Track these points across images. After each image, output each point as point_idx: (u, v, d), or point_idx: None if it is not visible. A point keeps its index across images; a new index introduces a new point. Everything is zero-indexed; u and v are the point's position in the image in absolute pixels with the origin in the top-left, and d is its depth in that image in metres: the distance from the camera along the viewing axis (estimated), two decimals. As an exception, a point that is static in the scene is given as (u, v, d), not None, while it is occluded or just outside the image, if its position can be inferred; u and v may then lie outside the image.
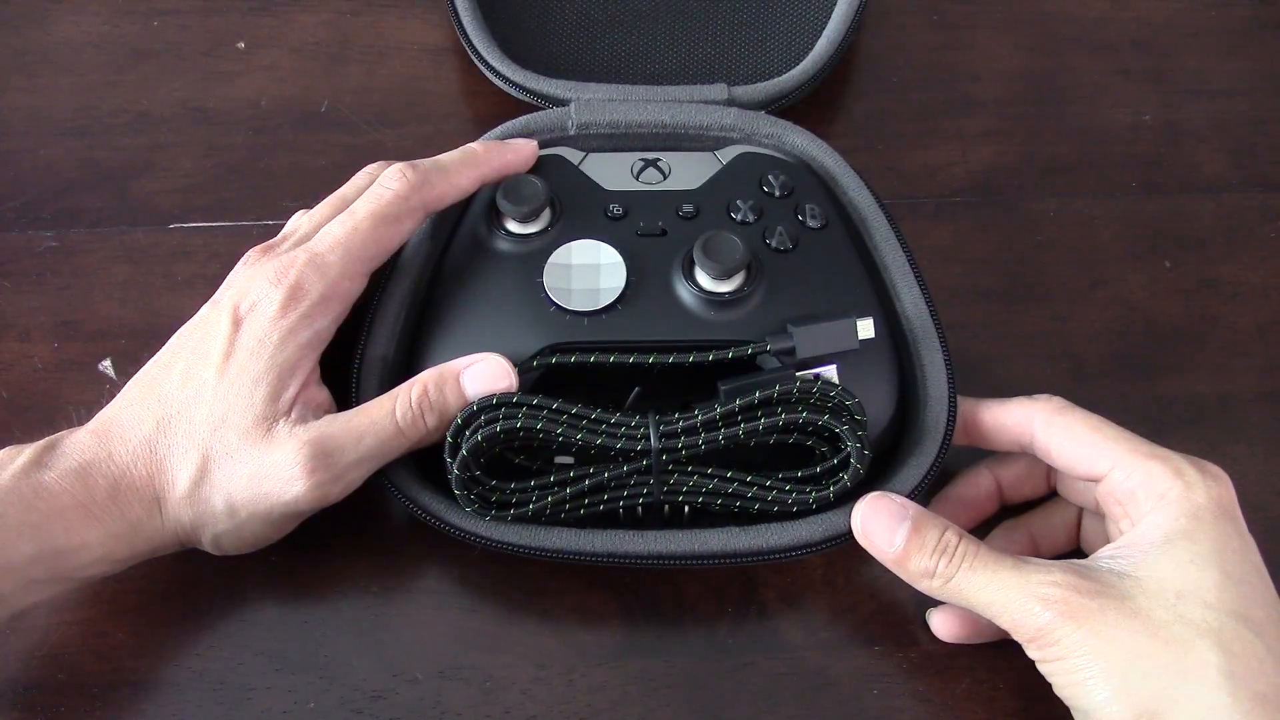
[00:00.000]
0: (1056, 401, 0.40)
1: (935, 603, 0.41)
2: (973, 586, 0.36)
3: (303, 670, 0.40)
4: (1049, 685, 0.37)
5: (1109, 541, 0.38)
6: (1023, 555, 0.38)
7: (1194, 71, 0.55)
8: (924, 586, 0.38)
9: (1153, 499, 0.37)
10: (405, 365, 0.42)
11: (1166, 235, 0.51)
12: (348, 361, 0.42)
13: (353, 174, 0.50)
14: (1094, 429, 0.39)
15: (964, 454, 0.44)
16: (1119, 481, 0.38)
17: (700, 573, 0.42)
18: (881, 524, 0.38)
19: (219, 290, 0.40)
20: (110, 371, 0.46)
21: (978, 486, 0.43)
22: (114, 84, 0.52)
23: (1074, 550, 0.43)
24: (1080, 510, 0.42)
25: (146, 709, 0.40)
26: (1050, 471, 0.43)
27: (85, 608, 0.41)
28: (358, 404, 0.40)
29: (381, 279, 0.43)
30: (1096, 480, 0.39)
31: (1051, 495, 0.43)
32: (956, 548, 0.37)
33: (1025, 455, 0.42)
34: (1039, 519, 0.43)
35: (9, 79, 0.52)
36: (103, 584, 0.41)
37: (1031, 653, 0.37)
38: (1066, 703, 0.36)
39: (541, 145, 0.47)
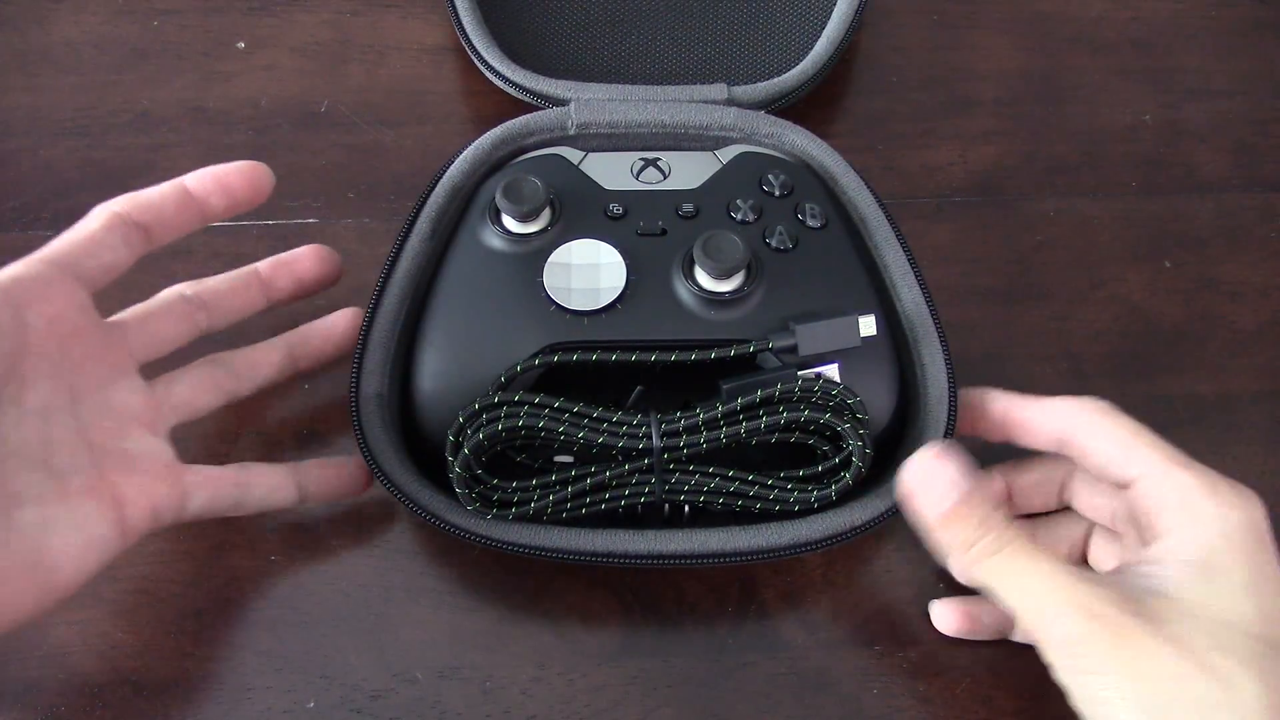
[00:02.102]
0: (1103, 403, 0.39)
1: (940, 594, 0.41)
2: (1009, 573, 0.35)
3: (303, 670, 0.40)
4: (1049, 686, 0.36)
5: (1121, 561, 0.37)
6: None
7: (1194, 71, 0.55)
8: (957, 559, 0.36)
9: (1184, 512, 0.36)
10: (405, 365, 0.42)
11: (1166, 235, 0.51)
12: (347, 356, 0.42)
13: (353, 174, 0.51)
14: (1134, 433, 0.38)
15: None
16: (1150, 488, 0.37)
17: (700, 573, 0.42)
18: (936, 482, 0.36)
19: None
20: (110, 371, 0.46)
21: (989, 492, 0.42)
22: (114, 84, 0.52)
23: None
24: (1090, 526, 0.42)
25: (146, 709, 0.40)
26: (1064, 485, 0.42)
27: (85, 608, 0.41)
28: (357, 406, 0.41)
29: (380, 279, 0.43)
30: (1126, 485, 0.38)
31: (1061, 511, 0.43)
32: (1004, 527, 0.36)
33: (1041, 463, 0.41)
34: (1046, 528, 0.42)
35: (9, 79, 0.52)
36: (102, 584, 0.41)
37: (1052, 657, 0.35)
38: (1082, 713, 0.35)
39: (541, 145, 0.47)
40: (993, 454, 0.42)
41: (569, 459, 0.40)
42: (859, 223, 0.46)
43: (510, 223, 0.43)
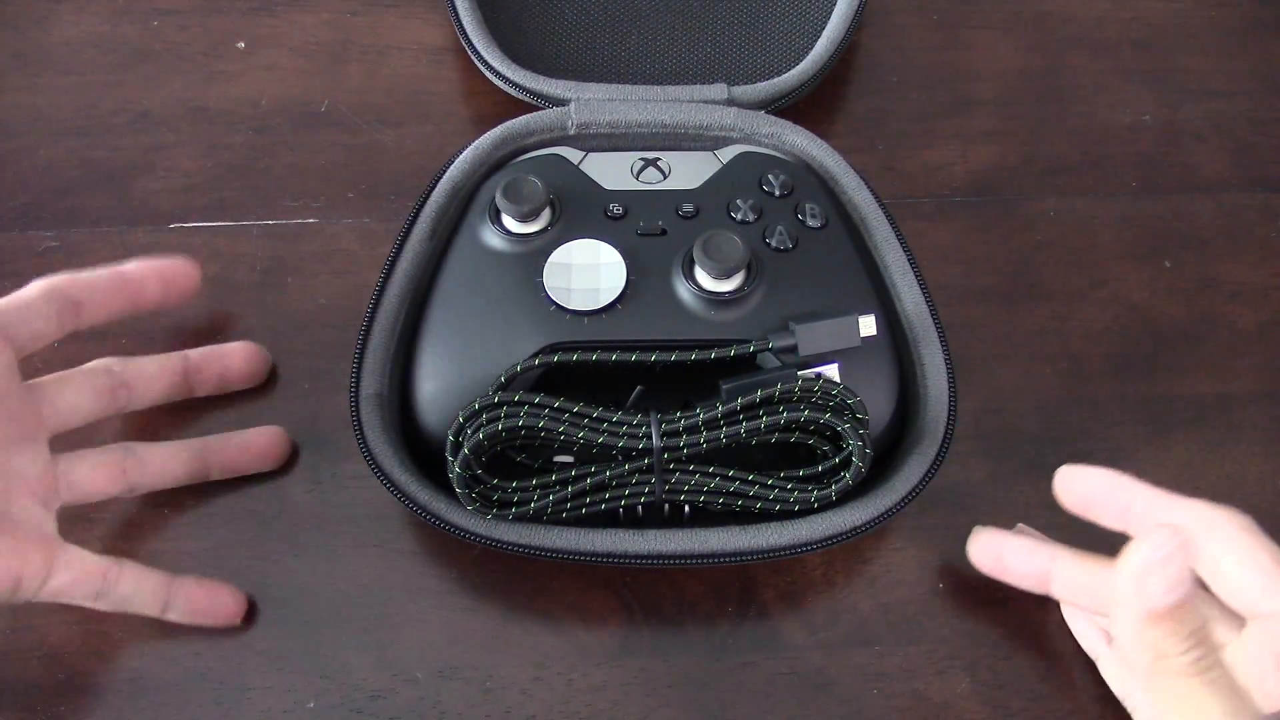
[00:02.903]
0: (1244, 519, 0.35)
1: (939, 594, 0.41)
2: (1197, 707, 0.32)
3: (303, 670, 0.40)
4: (1050, 686, 0.36)
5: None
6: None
7: (1194, 71, 0.55)
8: (1144, 661, 0.33)
9: None
10: (405, 365, 0.42)
11: (1166, 235, 0.51)
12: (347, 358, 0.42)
13: (352, 174, 0.50)
14: (1277, 561, 0.34)
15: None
16: None
17: (700, 573, 0.42)
18: (1169, 571, 0.32)
19: None
20: (110, 371, 0.46)
21: (1030, 561, 0.39)
22: (114, 84, 0.52)
23: None
24: None
25: (146, 709, 0.40)
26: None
27: (85, 607, 0.41)
28: (357, 406, 0.41)
29: (380, 279, 0.43)
30: (1255, 616, 0.35)
31: None
32: (1212, 651, 0.32)
33: (1096, 572, 0.37)
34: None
35: (9, 79, 0.52)
36: (103, 584, 0.41)
37: None
38: None
39: (541, 145, 0.47)
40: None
41: (569, 459, 0.40)
42: (859, 223, 0.46)
43: (510, 223, 0.43)
